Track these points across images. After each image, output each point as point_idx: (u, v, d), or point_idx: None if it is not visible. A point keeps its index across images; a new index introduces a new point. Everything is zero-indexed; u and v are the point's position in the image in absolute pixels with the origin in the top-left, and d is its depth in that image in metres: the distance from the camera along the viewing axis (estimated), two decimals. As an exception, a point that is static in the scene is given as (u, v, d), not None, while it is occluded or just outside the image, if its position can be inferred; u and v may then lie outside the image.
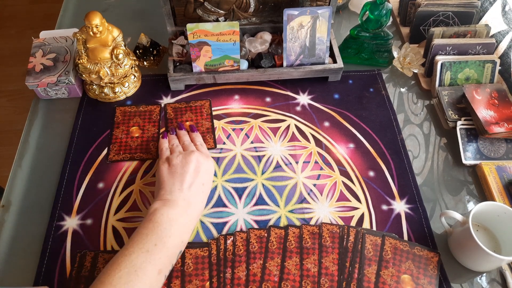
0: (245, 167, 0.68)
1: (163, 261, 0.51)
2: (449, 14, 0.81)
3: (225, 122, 0.74)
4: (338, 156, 0.70)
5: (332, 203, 0.65)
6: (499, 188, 0.65)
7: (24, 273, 0.58)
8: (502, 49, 0.79)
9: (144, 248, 0.50)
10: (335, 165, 0.69)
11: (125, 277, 0.47)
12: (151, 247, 0.50)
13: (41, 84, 0.73)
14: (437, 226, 0.63)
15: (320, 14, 0.72)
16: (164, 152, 0.64)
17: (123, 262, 0.48)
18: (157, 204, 0.55)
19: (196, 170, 0.59)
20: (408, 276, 0.57)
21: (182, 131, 0.69)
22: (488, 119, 0.69)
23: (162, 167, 0.60)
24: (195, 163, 0.60)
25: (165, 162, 0.61)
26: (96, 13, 0.68)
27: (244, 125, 0.74)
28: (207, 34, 0.71)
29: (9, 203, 0.64)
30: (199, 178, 0.59)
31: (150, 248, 0.50)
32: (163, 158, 0.62)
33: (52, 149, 0.70)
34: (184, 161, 0.60)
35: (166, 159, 0.62)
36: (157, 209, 0.54)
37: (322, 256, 0.59)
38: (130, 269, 0.48)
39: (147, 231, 0.52)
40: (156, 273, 0.49)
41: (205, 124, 0.73)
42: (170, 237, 0.52)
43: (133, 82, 0.77)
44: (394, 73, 0.83)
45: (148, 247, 0.50)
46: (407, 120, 0.76)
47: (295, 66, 0.77)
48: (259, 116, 0.75)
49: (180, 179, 0.58)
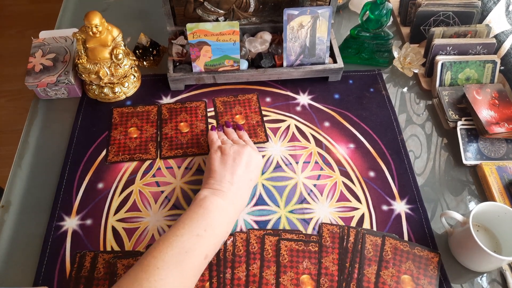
0: (245, 167, 0.68)
1: (210, 247, 0.52)
2: (449, 14, 0.81)
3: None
4: (338, 156, 0.70)
5: (332, 204, 0.65)
6: (499, 188, 0.65)
7: (24, 273, 0.58)
8: (505, 49, 0.78)
9: (194, 232, 0.51)
10: (335, 165, 0.69)
11: (176, 257, 0.48)
12: (201, 232, 0.51)
13: (41, 84, 0.73)
14: (437, 226, 0.63)
15: (320, 14, 0.72)
16: (215, 142, 0.65)
17: (174, 242, 0.49)
18: (207, 191, 0.56)
19: (247, 164, 0.60)
20: (408, 277, 0.57)
21: (229, 129, 0.70)
22: (488, 119, 0.69)
23: (214, 156, 0.61)
24: (247, 156, 0.61)
25: (218, 150, 0.62)
26: (95, 13, 0.67)
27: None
28: (207, 34, 0.71)
29: (8, 203, 0.64)
30: (249, 173, 0.60)
31: (200, 233, 0.51)
32: (215, 147, 0.63)
33: (52, 149, 0.70)
34: (237, 153, 0.61)
35: (218, 148, 0.62)
36: (207, 197, 0.55)
37: (322, 256, 0.59)
38: (181, 250, 0.49)
39: (198, 216, 0.53)
40: (202, 258, 0.51)
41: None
42: (218, 225, 0.53)
43: (133, 82, 0.77)
44: (394, 73, 0.83)
45: (198, 232, 0.51)
46: (409, 120, 0.76)
47: (295, 66, 0.77)
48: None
49: (231, 171, 0.58)
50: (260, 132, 0.71)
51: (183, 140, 0.71)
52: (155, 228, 0.62)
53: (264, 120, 0.73)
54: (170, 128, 0.72)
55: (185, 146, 0.70)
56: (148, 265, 0.47)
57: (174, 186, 0.66)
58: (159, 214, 0.63)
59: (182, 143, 0.70)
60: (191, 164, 0.68)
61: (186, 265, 0.49)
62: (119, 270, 0.57)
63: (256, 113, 0.74)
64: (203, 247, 0.51)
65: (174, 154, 0.69)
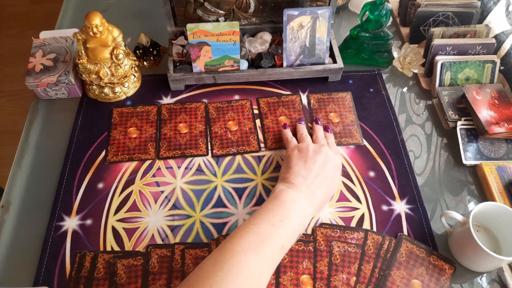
0: (245, 167, 0.68)
1: (285, 238, 0.53)
2: (449, 14, 0.81)
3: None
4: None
5: (332, 204, 0.65)
6: (499, 188, 0.65)
7: (23, 273, 0.58)
8: (505, 49, 0.79)
9: (270, 221, 0.52)
10: (335, 165, 0.69)
11: (254, 243, 0.50)
12: (276, 222, 0.52)
13: (41, 84, 0.73)
14: (437, 226, 0.63)
15: (320, 14, 0.72)
16: (290, 141, 0.67)
17: (251, 230, 0.51)
18: (282, 185, 0.58)
19: (323, 163, 0.61)
20: (418, 282, 0.57)
21: (318, 126, 0.70)
22: (488, 119, 0.69)
23: (291, 154, 0.63)
24: (324, 156, 0.62)
25: (295, 149, 0.64)
26: (96, 13, 0.67)
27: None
28: (207, 34, 0.71)
29: (8, 203, 0.64)
30: (325, 171, 0.60)
31: (275, 223, 0.52)
32: (292, 146, 0.65)
33: (52, 149, 0.70)
34: (313, 151, 0.62)
35: (295, 147, 0.64)
36: (283, 190, 0.57)
37: (317, 260, 0.59)
38: (258, 238, 0.50)
39: (273, 206, 0.54)
40: (279, 248, 0.52)
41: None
42: (294, 216, 0.54)
43: (133, 82, 0.77)
44: (394, 73, 0.83)
45: (273, 221, 0.52)
46: (409, 120, 0.76)
47: (295, 66, 0.77)
48: (259, 116, 0.75)
49: (307, 168, 0.60)
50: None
51: (181, 140, 0.71)
52: (155, 228, 0.62)
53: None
54: (169, 129, 0.72)
55: (183, 147, 0.70)
56: (227, 249, 0.49)
57: (174, 186, 0.66)
58: (159, 214, 0.63)
59: (180, 144, 0.70)
60: (191, 164, 0.68)
61: (263, 252, 0.50)
62: (119, 270, 0.57)
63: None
64: (278, 237, 0.52)
65: (172, 154, 0.69)
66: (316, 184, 0.59)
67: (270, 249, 0.51)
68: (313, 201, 0.58)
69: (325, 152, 0.62)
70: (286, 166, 0.62)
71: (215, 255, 0.49)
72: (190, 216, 0.63)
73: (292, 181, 0.58)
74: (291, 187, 0.57)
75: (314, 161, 0.61)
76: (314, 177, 0.59)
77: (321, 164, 0.61)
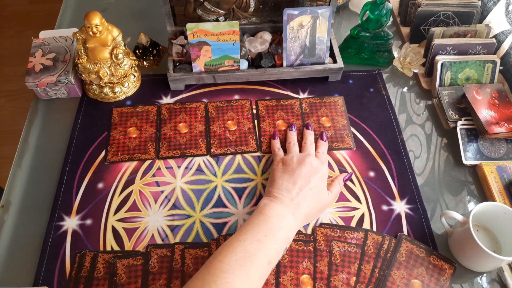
0: (245, 167, 0.68)
1: (272, 252, 0.52)
2: (449, 14, 0.81)
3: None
4: (338, 156, 0.70)
5: (332, 204, 0.65)
6: (499, 188, 0.65)
7: (23, 273, 0.58)
8: (504, 49, 0.79)
9: (256, 237, 0.52)
10: (335, 165, 0.69)
11: (241, 261, 0.49)
12: (262, 237, 0.52)
13: (41, 84, 0.73)
14: (437, 226, 0.63)
15: (320, 14, 0.72)
16: (277, 153, 0.67)
17: (238, 247, 0.51)
18: (266, 199, 0.58)
19: (308, 173, 0.60)
20: (418, 282, 0.57)
21: (308, 131, 0.70)
22: (488, 119, 0.69)
23: (275, 167, 0.63)
24: (309, 167, 0.61)
25: (279, 162, 0.63)
26: (95, 13, 0.67)
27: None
28: (207, 34, 0.71)
29: (8, 203, 0.64)
30: (309, 183, 0.59)
31: (261, 238, 0.52)
32: (277, 159, 0.65)
33: (52, 149, 0.70)
34: (298, 163, 0.61)
35: (280, 160, 0.64)
36: (266, 204, 0.57)
37: (317, 260, 0.59)
38: (245, 254, 0.50)
39: (258, 221, 0.54)
40: (266, 263, 0.51)
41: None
42: (279, 230, 0.54)
43: (133, 82, 0.77)
44: (394, 73, 0.83)
45: (259, 237, 0.52)
46: (409, 120, 0.76)
47: (295, 66, 0.77)
48: (257, 118, 0.75)
49: (291, 181, 0.59)
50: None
51: (181, 140, 0.71)
52: (155, 228, 0.62)
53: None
54: (169, 129, 0.72)
55: (183, 147, 0.70)
56: (214, 268, 0.49)
57: (174, 186, 0.66)
58: (159, 214, 0.63)
59: (180, 144, 0.70)
60: (191, 164, 0.68)
61: (251, 270, 0.49)
62: (119, 270, 0.57)
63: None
64: (265, 252, 0.51)
65: (172, 154, 0.69)
66: (301, 196, 0.58)
67: (258, 265, 0.50)
68: (297, 214, 0.57)
69: (309, 162, 0.61)
70: (270, 180, 0.62)
71: (202, 274, 0.49)
72: (190, 216, 0.63)
73: (276, 195, 0.58)
74: (275, 201, 0.57)
75: (299, 173, 0.60)
76: (299, 189, 0.58)
77: (305, 176, 0.60)
